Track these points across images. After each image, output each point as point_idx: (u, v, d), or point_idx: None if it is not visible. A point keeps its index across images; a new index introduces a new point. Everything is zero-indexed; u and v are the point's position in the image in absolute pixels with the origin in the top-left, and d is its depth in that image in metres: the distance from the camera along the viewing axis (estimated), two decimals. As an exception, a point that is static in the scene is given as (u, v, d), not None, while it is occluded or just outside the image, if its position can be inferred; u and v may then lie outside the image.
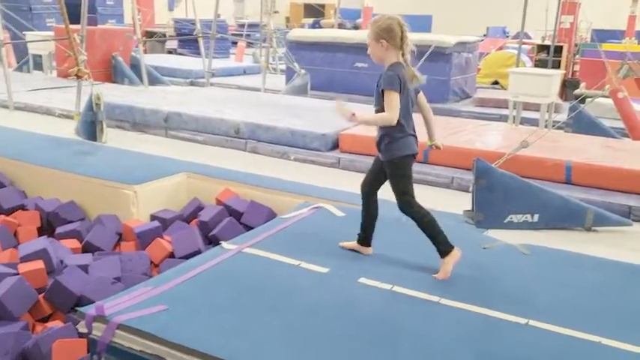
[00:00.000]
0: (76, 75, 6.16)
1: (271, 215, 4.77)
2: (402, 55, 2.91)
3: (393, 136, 3.01)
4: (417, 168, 5.25)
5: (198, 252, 4.34)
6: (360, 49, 9.68)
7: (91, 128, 6.29)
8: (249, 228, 4.66)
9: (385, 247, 3.41)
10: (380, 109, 2.97)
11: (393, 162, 3.07)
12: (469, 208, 4.29)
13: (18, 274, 3.87)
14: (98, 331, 2.40)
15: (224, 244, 3.23)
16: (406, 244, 3.52)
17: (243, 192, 5.02)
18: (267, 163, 5.87)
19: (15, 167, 5.51)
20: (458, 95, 9.75)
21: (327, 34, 10.48)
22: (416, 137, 3.13)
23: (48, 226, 4.96)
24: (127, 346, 2.35)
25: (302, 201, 4.55)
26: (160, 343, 2.28)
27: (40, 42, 10.95)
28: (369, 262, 3.16)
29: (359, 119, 2.91)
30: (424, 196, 4.80)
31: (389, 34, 2.87)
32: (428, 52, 8.76)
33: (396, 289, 2.87)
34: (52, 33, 11.15)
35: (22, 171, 5.48)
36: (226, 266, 2.97)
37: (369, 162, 5.51)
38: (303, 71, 9.08)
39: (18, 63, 11.70)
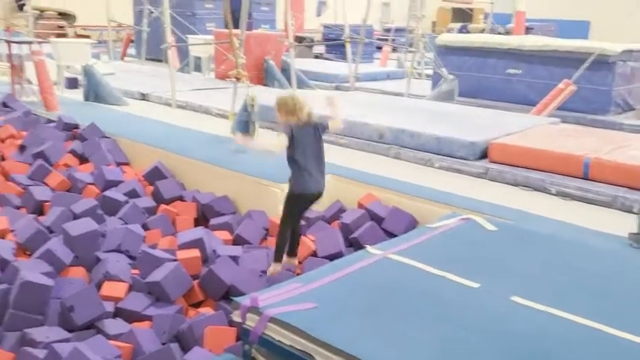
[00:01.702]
0: (235, 77, 6.51)
1: (413, 223, 4.71)
2: (297, 118, 3.80)
3: (292, 173, 3.87)
4: (576, 184, 4.97)
5: (340, 253, 4.41)
6: (513, 55, 9.32)
7: (244, 128, 6.62)
8: (389, 234, 4.64)
9: (540, 267, 3.21)
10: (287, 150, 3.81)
11: (287, 195, 3.97)
12: (635, 230, 3.92)
13: (176, 260, 4.17)
14: (251, 321, 2.50)
15: (369, 248, 3.23)
16: (563, 264, 3.29)
17: (385, 197, 5.00)
18: (410, 170, 5.81)
19: (176, 161, 5.95)
20: (620, 107, 8.98)
21: (478, 38, 10.16)
22: (315, 177, 3.81)
23: (202, 217, 5.30)
24: (277, 339, 2.42)
25: (446, 210, 4.44)
26: (310, 340, 2.32)
27: (200, 45, 11.79)
28: (522, 280, 2.99)
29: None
30: (582, 215, 4.51)
31: (283, 107, 3.83)
32: (589, 60, 8.17)
33: (552, 310, 2.68)
34: (211, 37, 11.95)
35: (182, 164, 5.91)
36: (372, 271, 2.96)
37: (519, 174, 5.33)
38: (451, 76, 8.88)
39: (180, 64, 12.68)
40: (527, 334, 2.49)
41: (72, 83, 9.87)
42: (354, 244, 4.60)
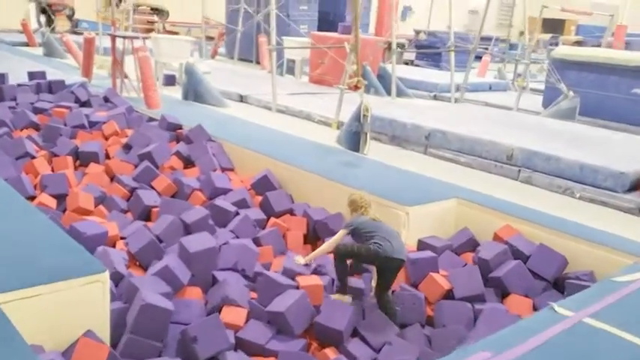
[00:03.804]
0: (355, 86, 6.06)
1: (563, 264, 4.12)
2: (362, 213, 3.99)
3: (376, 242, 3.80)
4: None
5: (481, 296, 3.90)
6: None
7: (354, 139, 6.20)
8: (536, 275, 4.08)
9: None
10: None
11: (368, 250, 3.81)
12: None
13: (297, 286, 3.76)
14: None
15: (556, 307, 2.69)
16: None
17: (524, 230, 4.43)
18: (544, 198, 5.20)
19: (282, 170, 5.56)
20: None
21: (601, 53, 9.35)
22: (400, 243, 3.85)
23: (313, 234, 4.89)
24: None
25: (603, 253, 3.87)
26: None
27: (295, 48, 11.46)
28: None
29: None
30: None
31: (352, 205, 4.08)
32: None
33: None
34: (306, 39, 11.62)
35: (289, 174, 5.51)
36: (572, 340, 2.43)
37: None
38: (571, 93, 8.15)
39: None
40: None
41: (169, 80, 9.76)
42: (494, 284, 4.06)
